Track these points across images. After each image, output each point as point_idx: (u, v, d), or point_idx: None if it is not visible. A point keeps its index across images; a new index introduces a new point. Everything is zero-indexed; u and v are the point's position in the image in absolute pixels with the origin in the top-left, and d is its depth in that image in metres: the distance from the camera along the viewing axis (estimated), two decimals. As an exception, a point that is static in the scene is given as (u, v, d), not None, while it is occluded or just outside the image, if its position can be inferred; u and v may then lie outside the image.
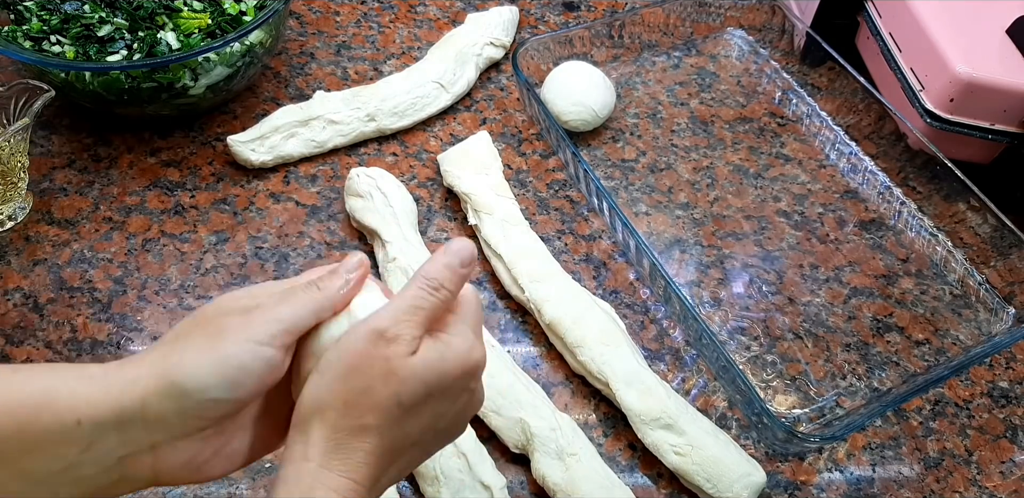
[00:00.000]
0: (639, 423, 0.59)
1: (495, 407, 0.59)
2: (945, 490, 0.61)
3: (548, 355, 0.65)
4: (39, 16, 0.70)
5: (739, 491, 0.56)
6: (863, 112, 0.78)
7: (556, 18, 0.89)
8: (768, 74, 0.85)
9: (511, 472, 0.59)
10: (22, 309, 0.64)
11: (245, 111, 0.78)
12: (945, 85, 0.70)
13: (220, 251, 0.69)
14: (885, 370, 0.66)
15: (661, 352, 0.66)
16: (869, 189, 0.77)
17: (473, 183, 0.70)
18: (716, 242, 0.73)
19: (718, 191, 0.76)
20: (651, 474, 0.60)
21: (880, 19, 0.78)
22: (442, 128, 0.79)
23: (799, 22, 0.82)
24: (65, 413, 0.33)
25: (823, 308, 0.69)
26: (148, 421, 0.34)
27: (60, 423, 0.33)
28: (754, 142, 0.80)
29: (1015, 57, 0.70)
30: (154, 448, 0.35)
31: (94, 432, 0.33)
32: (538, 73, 0.79)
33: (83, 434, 0.33)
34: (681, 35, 0.86)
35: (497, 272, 0.67)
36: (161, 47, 0.69)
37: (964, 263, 0.72)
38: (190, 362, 0.35)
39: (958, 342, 0.68)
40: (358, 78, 0.82)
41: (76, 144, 0.74)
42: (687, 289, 0.69)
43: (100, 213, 0.70)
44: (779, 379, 0.65)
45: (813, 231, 0.74)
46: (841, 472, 0.61)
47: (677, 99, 0.83)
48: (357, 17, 0.88)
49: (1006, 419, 0.65)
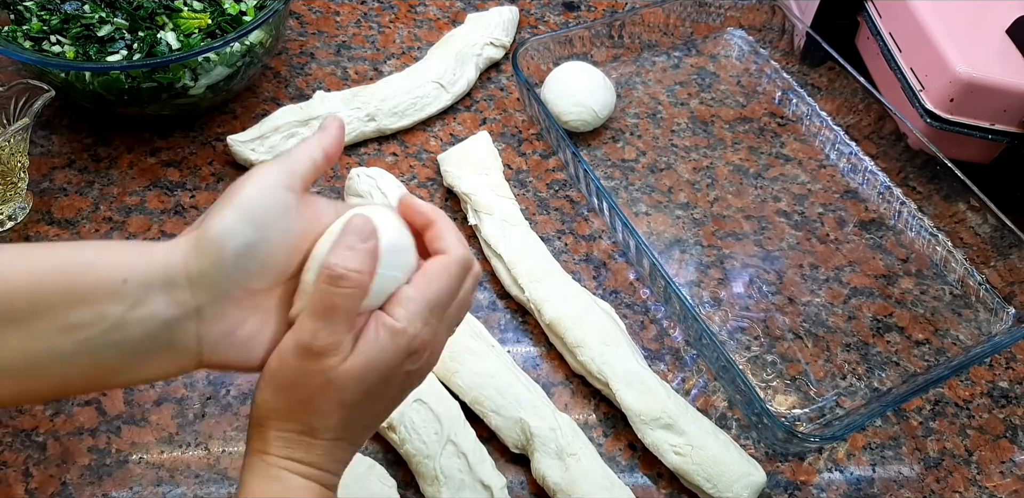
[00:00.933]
0: (639, 423, 0.59)
1: (495, 407, 0.59)
2: (945, 490, 0.61)
3: (548, 355, 0.65)
4: (39, 16, 0.70)
5: (739, 491, 0.56)
6: (863, 112, 0.78)
7: (556, 18, 0.90)
8: (768, 74, 0.85)
9: (511, 472, 0.59)
10: (22, 309, 0.64)
11: (245, 111, 0.78)
12: (945, 85, 0.70)
13: (220, 251, 0.69)
14: (885, 370, 0.66)
15: (661, 352, 0.66)
16: (869, 189, 0.77)
17: (473, 183, 0.70)
18: (716, 242, 0.73)
19: (718, 191, 0.76)
20: (651, 474, 0.60)
21: (880, 19, 0.78)
22: (442, 128, 0.79)
23: (799, 22, 0.82)
24: (112, 271, 0.34)
25: (823, 308, 0.69)
26: (191, 279, 0.35)
27: (107, 280, 0.34)
28: (754, 142, 0.80)
29: (1015, 57, 0.70)
30: (199, 312, 0.36)
31: (140, 290, 0.34)
32: (538, 73, 0.79)
33: (129, 292, 0.34)
34: (681, 35, 0.86)
35: (497, 272, 0.67)
36: (161, 47, 0.69)
37: (964, 263, 0.72)
38: (215, 215, 0.36)
39: (958, 342, 0.68)
40: (358, 78, 0.82)
41: (76, 144, 0.74)
42: (687, 289, 0.69)
43: (100, 213, 0.70)
44: (779, 379, 0.65)
45: (813, 231, 0.74)
46: (841, 472, 0.61)
47: (677, 99, 0.83)
48: (357, 17, 0.88)
49: (1006, 419, 0.65)
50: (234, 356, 0.38)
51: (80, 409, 0.60)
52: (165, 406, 0.60)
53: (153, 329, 0.35)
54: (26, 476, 0.56)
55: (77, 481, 0.56)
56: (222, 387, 0.61)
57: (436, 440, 0.56)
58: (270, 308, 0.38)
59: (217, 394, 0.61)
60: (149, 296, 0.35)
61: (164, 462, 0.58)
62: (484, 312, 0.67)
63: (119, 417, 0.59)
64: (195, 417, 0.60)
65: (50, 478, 0.56)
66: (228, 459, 0.58)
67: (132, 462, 0.57)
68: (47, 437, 0.58)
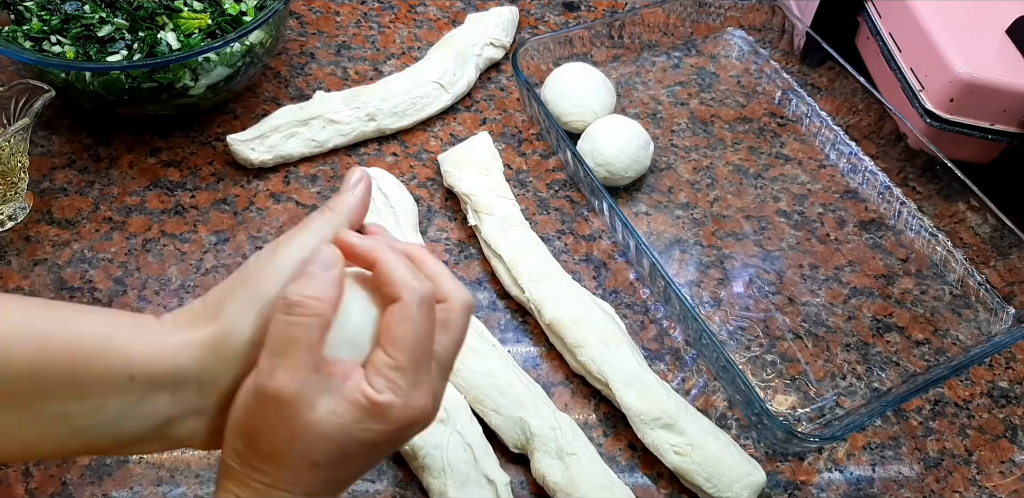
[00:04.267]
0: (639, 423, 0.59)
1: (495, 406, 0.59)
2: (945, 490, 0.61)
3: (548, 355, 0.65)
4: (39, 16, 0.70)
5: (739, 491, 0.56)
6: (863, 112, 0.78)
7: (556, 18, 0.90)
8: (768, 74, 0.85)
9: (511, 472, 0.59)
10: (22, 309, 0.64)
11: (245, 111, 0.78)
12: (945, 85, 0.70)
13: (220, 251, 0.69)
14: (885, 370, 0.66)
15: (661, 352, 0.66)
16: (869, 189, 0.77)
17: (473, 183, 0.70)
18: (716, 242, 0.73)
19: (718, 191, 0.76)
20: (651, 474, 0.60)
21: (880, 19, 0.78)
22: (442, 128, 0.79)
23: (799, 22, 0.82)
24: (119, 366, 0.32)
25: (823, 308, 0.69)
26: (203, 383, 0.34)
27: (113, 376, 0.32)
28: (754, 142, 0.80)
29: (1015, 57, 0.70)
30: (202, 411, 0.34)
31: (146, 389, 0.33)
32: (538, 73, 0.79)
33: (135, 389, 0.33)
34: (681, 35, 0.87)
35: (497, 272, 0.67)
36: (161, 47, 0.69)
37: (964, 263, 0.72)
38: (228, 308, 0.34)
39: (958, 342, 0.68)
40: (358, 78, 0.82)
41: (76, 144, 0.74)
42: (687, 289, 0.69)
43: (100, 213, 0.70)
44: (779, 379, 0.65)
45: (813, 231, 0.74)
46: (841, 472, 0.61)
47: (677, 99, 0.83)
48: (357, 17, 0.88)
49: (1006, 419, 0.65)
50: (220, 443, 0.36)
51: (80, 409, 0.60)
52: (165, 406, 0.60)
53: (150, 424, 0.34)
54: (26, 476, 0.56)
55: (77, 481, 0.56)
56: (222, 387, 0.61)
57: (443, 430, 0.56)
58: None
59: (217, 394, 0.61)
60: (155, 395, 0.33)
61: (164, 462, 0.58)
62: (484, 312, 0.67)
63: (119, 417, 0.59)
64: (195, 417, 0.60)
65: (50, 478, 0.56)
66: (228, 459, 0.58)
67: (132, 462, 0.57)
68: (47, 437, 0.58)
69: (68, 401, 0.32)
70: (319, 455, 0.33)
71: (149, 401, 0.33)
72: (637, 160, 0.72)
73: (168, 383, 0.33)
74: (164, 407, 0.34)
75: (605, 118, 0.75)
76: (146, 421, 0.33)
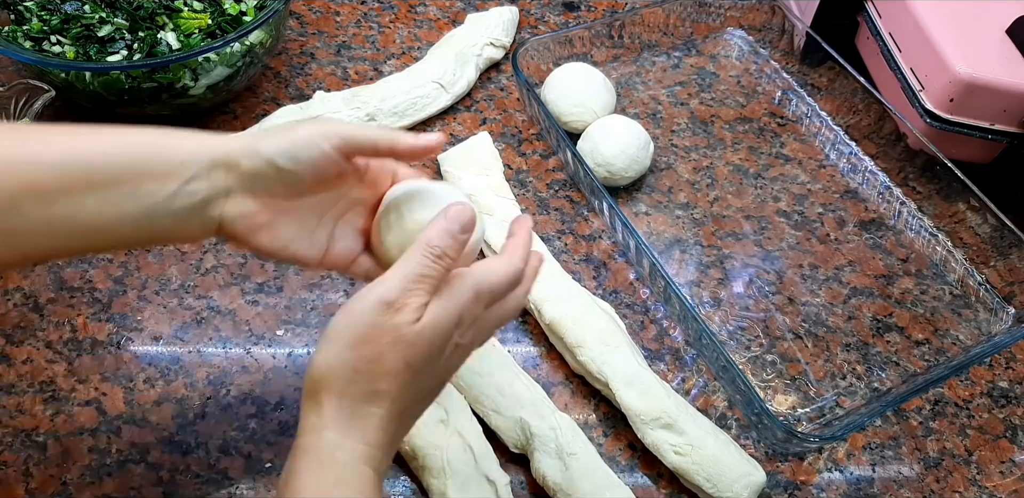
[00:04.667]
0: (639, 423, 0.59)
1: (495, 406, 0.59)
2: (945, 490, 0.61)
3: (548, 355, 0.65)
4: (39, 16, 0.70)
5: (739, 491, 0.56)
6: (863, 112, 0.78)
7: (556, 18, 0.90)
8: (768, 74, 0.85)
9: (511, 472, 0.59)
10: (22, 309, 0.64)
11: (245, 111, 0.78)
12: (945, 85, 0.70)
13: (220, 251, 0.69)
14: (885, 370, 0.66)
15: (661, 352, 0.66)
16: (869, 189, 0.77)
17: (473, 183, 0.70)
18: (716, 242, 0.73)
19: (718, 191, 0.76)
20: (651, 474, 0.60)
21: (880, 19, 0.78)
22: (442, 128, 0.79)
23: (799, 22, 0.82)
24: (175, 154, 0.42)
25: (823, 308, 0.69)
26: (230, 167, 0.43)
27: (170, 161, 0.42)
28: (754, 142, 0.80)
29: (1015, 57, 0.70)
30: (228, 194, 0.43)
31: (191, 170, 0.42)
32: (538, 73, 0.79)
33: (184, 171, 0.42)
34: (681, 35, 0.87)
35: (497, 272, 0.67)
36: (161, 47, 0.69)
37: (964, 263, 0.72)
38: (267, 137, 0.44)
39: (958, 342, 0.68)
40: (358, 78, 0.82)
41: (76, 144, 0.74)
42: (687, 289, 0.69)
43: (100, 213, 0.70)
44: (779, 379, 0.65)
45: (813, 231, 0.74)
46: (841, 472, 0.61)
47: (677, 99, 0.83)
48: (357, 17, 0.88)
49: (1006, 419, 0.65)
50: (244, 234, 0.44)
51: (80, 409, 0.60)
52: (165, 406, 0.60)
53: (195, 201, 0.42)
54: (26, 476, 0.56)
55: (77, 481, 0.56)
56: (222, 387, 0.61)
57: (443, 430, 0.56)
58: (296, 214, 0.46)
59: (217, 394, 0.61)
60: (197, 176, 0.42)
61: (164, 462, 0.58)
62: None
63: (119, 417, 0.59)
64: (195, 417, 0.60)
65: (50, 478, 0.56)
66: (228, 459, 0.58)
67: (132, 462, 0.57)
68: (47, 437, 0.58)
69: (141, 181, 0.41)
70: (414, 354, 0.40)
71: (193, 182, 0.42)
72: (637, 160, 0.72)
73: (206, 166, 0.42)
74: (203, 188, 0.42)
75: (605, 118, 0.75)
76: (190, 200, 0.42)
